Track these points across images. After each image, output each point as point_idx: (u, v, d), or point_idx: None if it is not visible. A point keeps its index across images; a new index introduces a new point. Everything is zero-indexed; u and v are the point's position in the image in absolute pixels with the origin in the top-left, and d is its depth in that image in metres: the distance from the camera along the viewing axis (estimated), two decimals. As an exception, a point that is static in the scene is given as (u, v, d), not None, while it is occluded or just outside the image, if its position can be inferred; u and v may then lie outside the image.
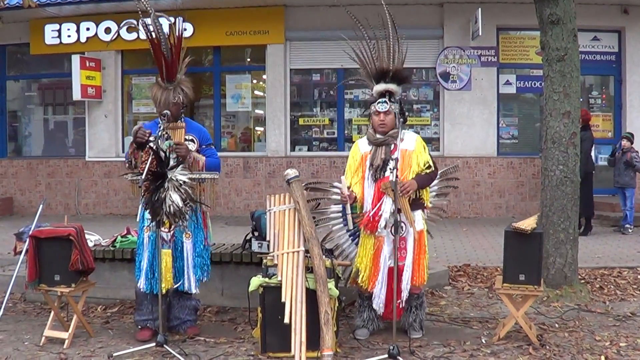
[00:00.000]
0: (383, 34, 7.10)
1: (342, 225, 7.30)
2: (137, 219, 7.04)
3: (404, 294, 6.65)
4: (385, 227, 6.56)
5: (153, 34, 6.91)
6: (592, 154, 13.74)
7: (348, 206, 6.62)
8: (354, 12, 7.22)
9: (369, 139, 6.82)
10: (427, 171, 6.72)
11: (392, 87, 6.88)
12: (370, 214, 6.54)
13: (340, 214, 7.32)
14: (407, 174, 6.60)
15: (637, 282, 9.25)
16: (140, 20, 7.06)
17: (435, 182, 7.23)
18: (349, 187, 6.66)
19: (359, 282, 6.84)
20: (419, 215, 6.77)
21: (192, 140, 7.00)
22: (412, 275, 6.67)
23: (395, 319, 6.35)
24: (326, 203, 7.46)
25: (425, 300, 7.26)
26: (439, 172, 7.25)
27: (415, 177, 6.62)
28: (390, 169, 6.45)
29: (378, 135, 6.78)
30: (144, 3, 6.95)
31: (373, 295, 6.65)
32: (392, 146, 6.68)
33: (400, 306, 6.72)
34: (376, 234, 6.64)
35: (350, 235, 7.32)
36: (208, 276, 7.15)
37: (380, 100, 6.78)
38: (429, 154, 6.85)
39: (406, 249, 6.67)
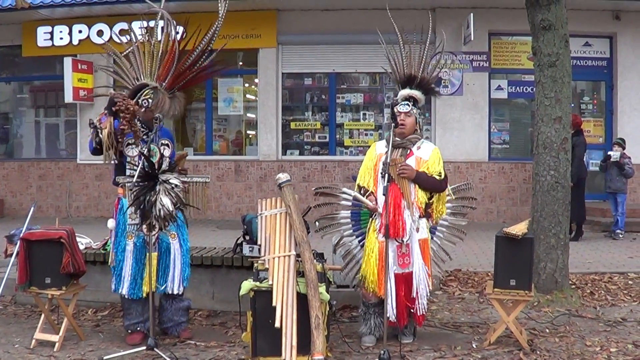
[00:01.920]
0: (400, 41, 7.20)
1: (352, 230, 7.29)
2: (110, 225, 6.99)
3: (422, 301, 6.72)
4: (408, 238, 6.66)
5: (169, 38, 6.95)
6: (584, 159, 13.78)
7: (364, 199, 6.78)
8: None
9: (387, 141, 6.82)
10: (435, 176, 6.74)
11: (416, 93, 7.01)
12: (389, 220, 6.51)
13: (349, 220, 7.31)
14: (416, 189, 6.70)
15: (628, 288, 9.27)
16: (169, 28, 7.05)
17: (448, 198, 7.18)
18: (366, 193, 6.80)
19: (365, 288, 6.85)
20: (423, 223, 6.78)
21: (167, 145, 6.99)
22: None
23: (386, 325, 6.38)
24: (336, 208, 7.44)
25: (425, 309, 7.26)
26: (450, 187, 7.23)
27: (419, 171, 6.68)
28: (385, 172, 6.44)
29: (397, 138, 6.81)
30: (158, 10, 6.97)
31: (385, 302, 6.61)
32: (408, 151, 6.74)
33: (419, 313, 6.77)
34: (381, 239, 6.67)
35: (359, 242, 7.31)
36: (189, 271, 7.14)
37: (402, 102, 6.83)
38: (443, 168, 6.85)
39: (410, 256, 6.68)
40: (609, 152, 13.71)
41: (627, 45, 15.82)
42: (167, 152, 6.94)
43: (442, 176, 6.77)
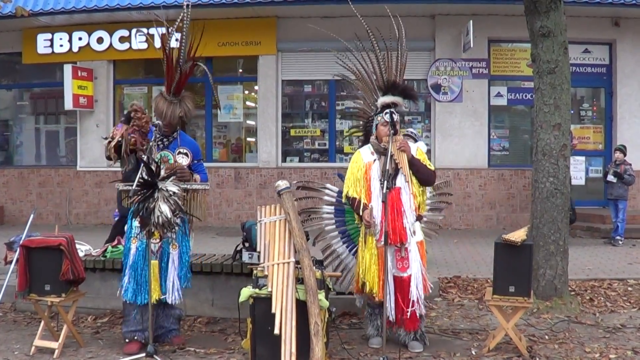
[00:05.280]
0: (375, 47, 7.24)
1: (334, 226, 7.36)
2: (125, 229, 7.04)
3: (420, 305, 6.75)
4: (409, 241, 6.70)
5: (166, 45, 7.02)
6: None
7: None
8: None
9: (375, 149, 6.86)
10: (426, 164, 6.87)
11: (398, 99, 7.00)
12: (390, 225, 6.54)
13: (332, 215, 7.38)
14: (411, 178, 6.74)
15: (627, 294, 9.27)
16: (157, 31, 7.17)
17: (428, 195, 7.28)
18: (356, 204, 6.81)
19: (367, 292, 6.87)
20: (418, 226, 6.83)
21: (186, 154, 7.03)
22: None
23: (385, 329, 6.39)
24: (317, 202, 7.53)
25: (424, 312, 7.26)
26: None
27: (414, 156, 6.82)
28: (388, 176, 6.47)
29: (382, 145, 6.86)
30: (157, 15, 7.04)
31: (384, 305, 6.64)
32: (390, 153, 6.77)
33: (417, 316, 6.78)
34: (379, 245, 6.70)
35: (344, 243, 7.38)
36: (189, 284, 7.11)
37: (387, 110, 6.85)
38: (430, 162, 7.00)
39: (408, 259, 6.70)
40: (608, 177, 13.68)
41: (626, 52, 15.84)
42: (184, 161, 6.97)
43: (432, 168, 6.95)
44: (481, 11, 15.27)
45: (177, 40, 7.07)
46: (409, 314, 6.70)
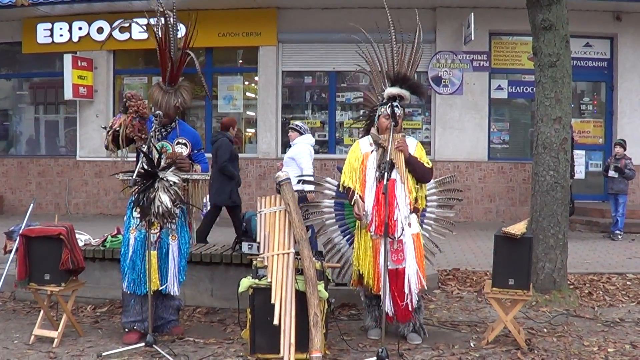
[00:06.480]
0: (392, 38, 7.21)
1: (334, 220, 7.34)
2: (124, 219, 7.03)
3: (412, 297, 6.68)
4: (401, 234, 6.64)
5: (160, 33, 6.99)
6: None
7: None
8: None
9: (374, 141, 6.84)
10: (424, 163, 6.81)
11: (405, 93, 6.97)
12: (381, 217, 6.52)
13: (332, 209, 7.36)
14: (407, 175, 6.72)
15: (626, 288, 9.27)
16: (149, 21, 7.15)
17: (434, 191, 7.27)
18: (351, 193, 6.79)
19: (364, 284, 6.86)
20: (414, 218, 6.80)
21: (184, 144, 7.01)
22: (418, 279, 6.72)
23: (384, 322, 6.38)
24: (318, 196, 7.53)
25: (423, 304, 7.25)
26: (435, 180, 7.29)
27: (411, 154, 6.78)
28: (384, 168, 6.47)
29: (380, 136, 6.83)
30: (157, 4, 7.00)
31: (381, 299, 6.64)
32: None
33: (410, 308, 6.72)
34: (374, 237, 6.68)
35: (344, 236, 7.36)
36: (184, 277, 7.07)
37: (390, 104, 6.81)
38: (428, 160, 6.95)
39: (404, 252, 6.67)
40: (609, 172, 13.64)
41: (627, 46, 15.83)
42: (183, 151, 6.95)
43: (430, 165, 6.89)
44: (482, 4, 15.27)
45: (161, 29, 7.03)
46: (403, 306, 6.68)
